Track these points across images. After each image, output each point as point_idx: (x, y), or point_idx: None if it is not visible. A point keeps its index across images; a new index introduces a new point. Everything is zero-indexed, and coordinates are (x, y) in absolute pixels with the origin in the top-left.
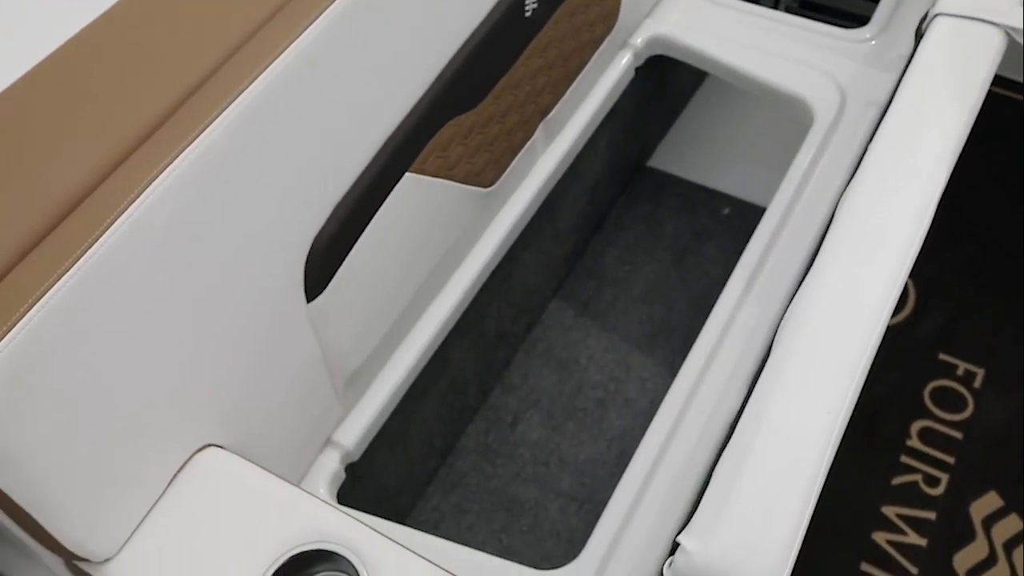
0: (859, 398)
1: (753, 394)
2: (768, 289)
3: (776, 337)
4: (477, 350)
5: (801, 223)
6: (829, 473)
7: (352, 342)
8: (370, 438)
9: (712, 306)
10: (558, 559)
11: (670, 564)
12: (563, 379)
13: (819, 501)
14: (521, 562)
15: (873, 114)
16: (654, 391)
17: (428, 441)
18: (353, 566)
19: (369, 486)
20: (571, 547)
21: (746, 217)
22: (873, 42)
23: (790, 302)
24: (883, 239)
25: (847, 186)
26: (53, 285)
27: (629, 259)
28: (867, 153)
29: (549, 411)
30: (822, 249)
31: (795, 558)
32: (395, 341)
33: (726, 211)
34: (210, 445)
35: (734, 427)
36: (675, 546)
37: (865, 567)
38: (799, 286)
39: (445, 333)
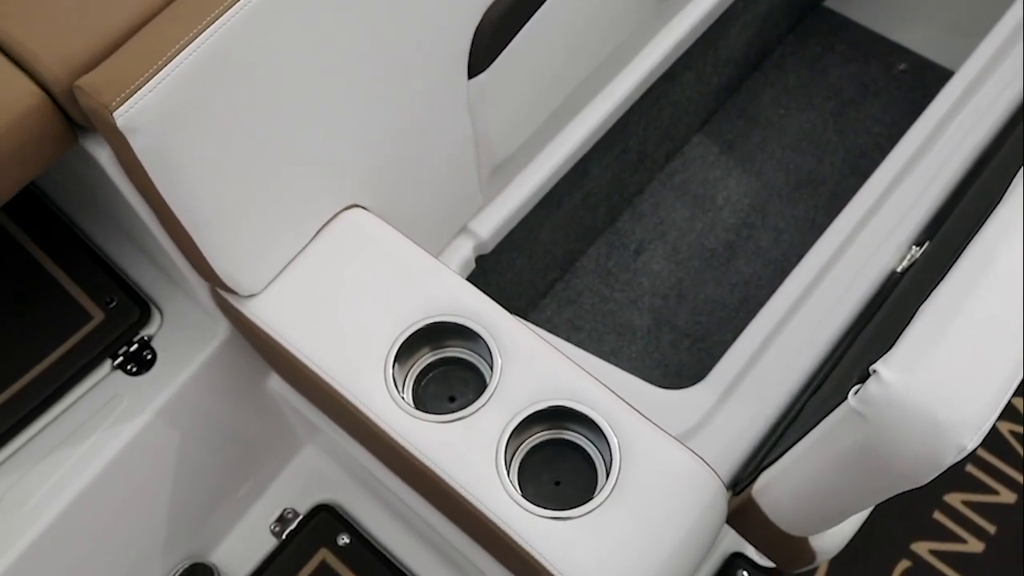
0: None
1: (980, 233)
2: (946, 154)
3: (1016, 177)
4: (616, 168)
5: (998, 89)
6: None
7: (503, 130)
8: (504, 233)
9: (869, 165)
10: None
11: (856, 392)
12: (695, 216)
13: None
14: None
15: None
16: (788, 244)
17: (552, 252)
18: (487, 347)
19: (492, 283)
20: (678, 380)
21: (924, 76)
22: None
23: (973, 168)
24: None
25: None
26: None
27: (786, 103)
28: None
29: (675, 246)
30: None
31: (1002, 409)
32: (543, 140)
33: (902, 67)
34: (357, 206)
35: (891, 283)
36: (865, 375)
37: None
38: (987, 153)
39: (591, 143)
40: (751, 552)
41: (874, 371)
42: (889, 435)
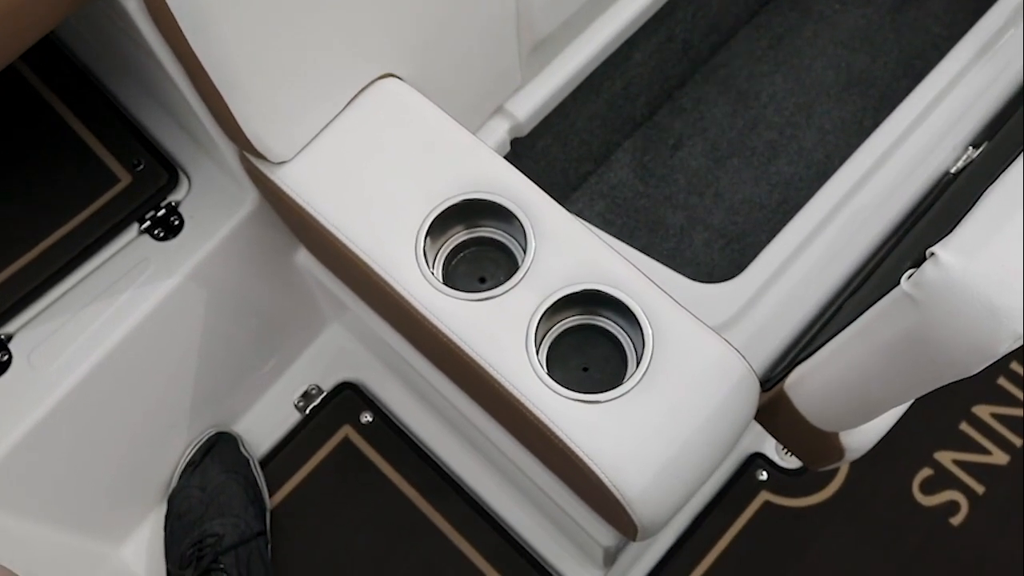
0: None
1: None
2: (1009, 55)
3: None
4: (659, 57)
5: None
6: None
7: (547, 2)
8: (540, 116)
9: (924, 67)
10: None
11: (910, 276)
12: (737, 112)
13: None
14: None
15: None
16: (833, 145)
17: (588, 143)
18: (522, 228)
19: (524, 170)
20: (709, 280)
21: None
22: None
23: None
24: None
25: None
26: None
27: None
28: None
29: (715, 143)
30: None
31: None
32: (586, 20)
33: None
34: (392, 75)
35: (944, 184)
36: (920, 261)
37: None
38: None
39: (637, 26)
40: (770, 452)
41: (932, 254)
42: (943, 320)
